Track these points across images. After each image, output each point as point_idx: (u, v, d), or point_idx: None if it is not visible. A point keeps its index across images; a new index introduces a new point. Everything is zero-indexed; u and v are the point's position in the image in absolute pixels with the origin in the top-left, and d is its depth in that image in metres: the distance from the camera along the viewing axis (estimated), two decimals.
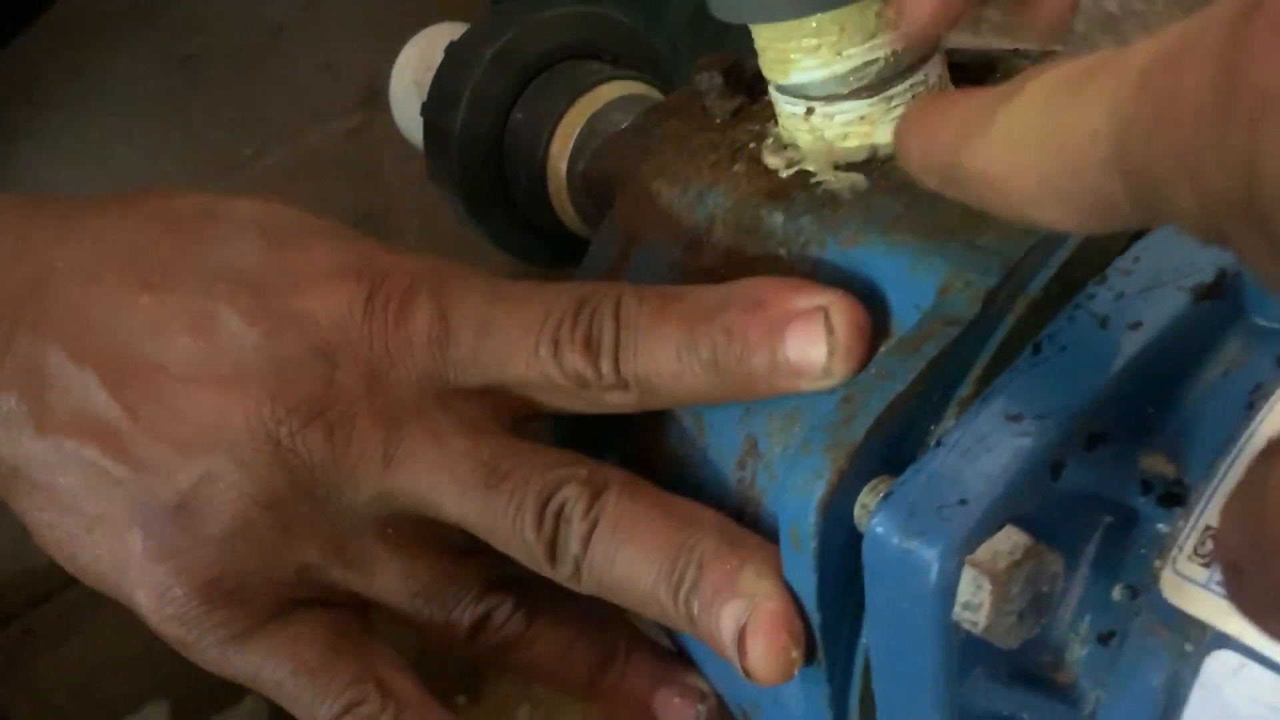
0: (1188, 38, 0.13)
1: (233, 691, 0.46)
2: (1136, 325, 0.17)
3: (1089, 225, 0.15)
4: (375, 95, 0.79)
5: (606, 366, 0.22)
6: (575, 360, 0.22)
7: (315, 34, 0.78)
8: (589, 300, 0.22)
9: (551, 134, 0.36)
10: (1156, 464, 0.17)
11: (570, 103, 0.36)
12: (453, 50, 0.39)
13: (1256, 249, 0.12)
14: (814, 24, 0.22)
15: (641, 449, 0.24)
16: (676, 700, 0.24)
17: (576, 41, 0.38)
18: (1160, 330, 0.17)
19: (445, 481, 0.22)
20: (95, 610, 0.43)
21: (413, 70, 0.44)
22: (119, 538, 0.22)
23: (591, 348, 0.22)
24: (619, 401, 0.22)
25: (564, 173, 0.36)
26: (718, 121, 0.29)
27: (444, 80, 0.39)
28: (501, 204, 0.39)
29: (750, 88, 0.29)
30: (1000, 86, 0.16)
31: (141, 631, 0.24)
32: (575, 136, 0.36)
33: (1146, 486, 0.18)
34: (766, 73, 0.24)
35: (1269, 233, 0.12)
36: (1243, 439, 0.17)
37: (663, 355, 0.22)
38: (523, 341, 0.22)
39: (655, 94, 0.37)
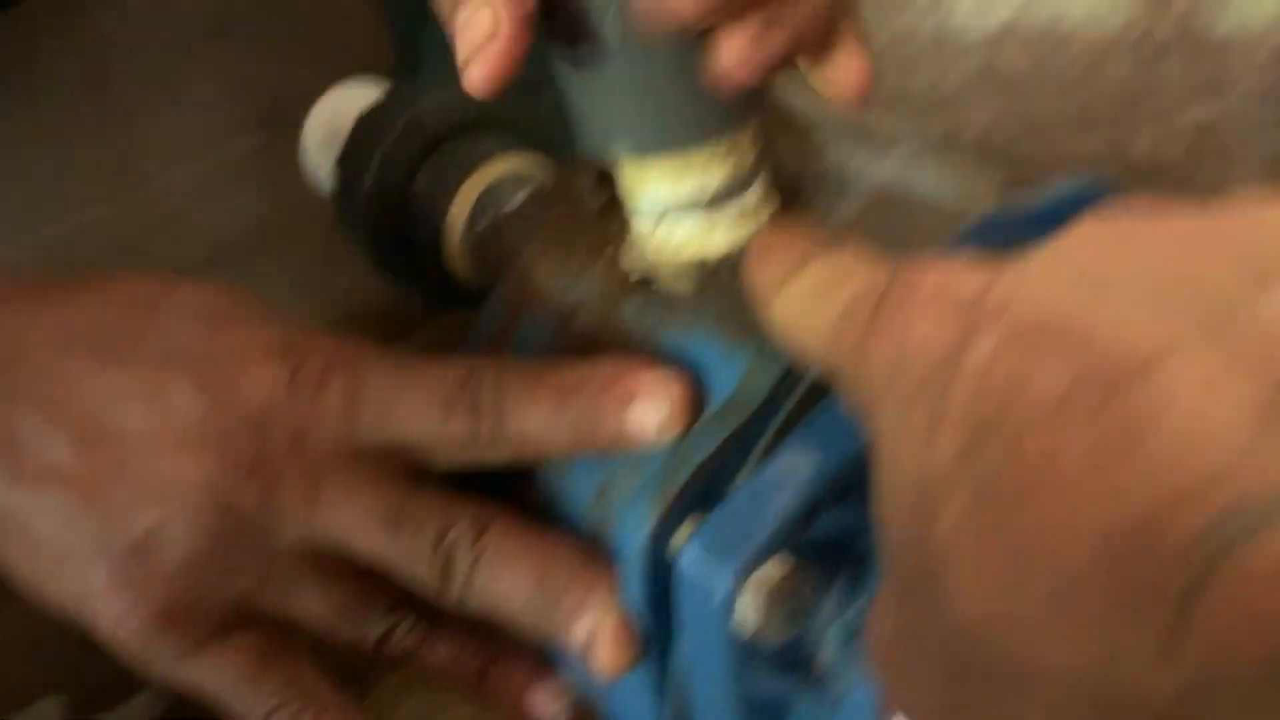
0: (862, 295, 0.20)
1: (126, 687, 0.49)
2: None
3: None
4: (280, 114, 0.83)
5: (487, 427, 0.27)
6: (462, 423, 0.27)
7: (222, 53, 0.81)
8: (474, 372, 0.27)
9: (450, 200, 0.41)
10: None
11: (468, 173, 0.41)
12: (365, 118, 0.44)
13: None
14: (659, 160, 0.28)
15: (518, 491, 0.30)
16: (545, 696, 0.30)
17: (476, 117, 0.43)
18: None
19: (357, 525, 0.27)
20: None
21: (324, 128, 0.49)
22: (83, 573, 0.27)
23: (475, 412, 0.27)
24: (498, 456, 0.27)
25: (459, 236, 0.41)
26: (590, 212, 0.35)
27: (356, 144, 0.44)
28: (403, 255, 0.44)
29: (616, 184, 0.35)
30: (797, 250, 0.23)
31: (35, 629, 0.28)
32: (471, 205, 0.41)
33: None
34: (625, 188, 0.30)
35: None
36: None
37: (535, 418, 0.27)
38: (419, 408, 0.27)
39: (543, 168, 0.42)
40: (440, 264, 0.42)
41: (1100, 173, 0.57)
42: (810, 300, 0.22)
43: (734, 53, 0.24)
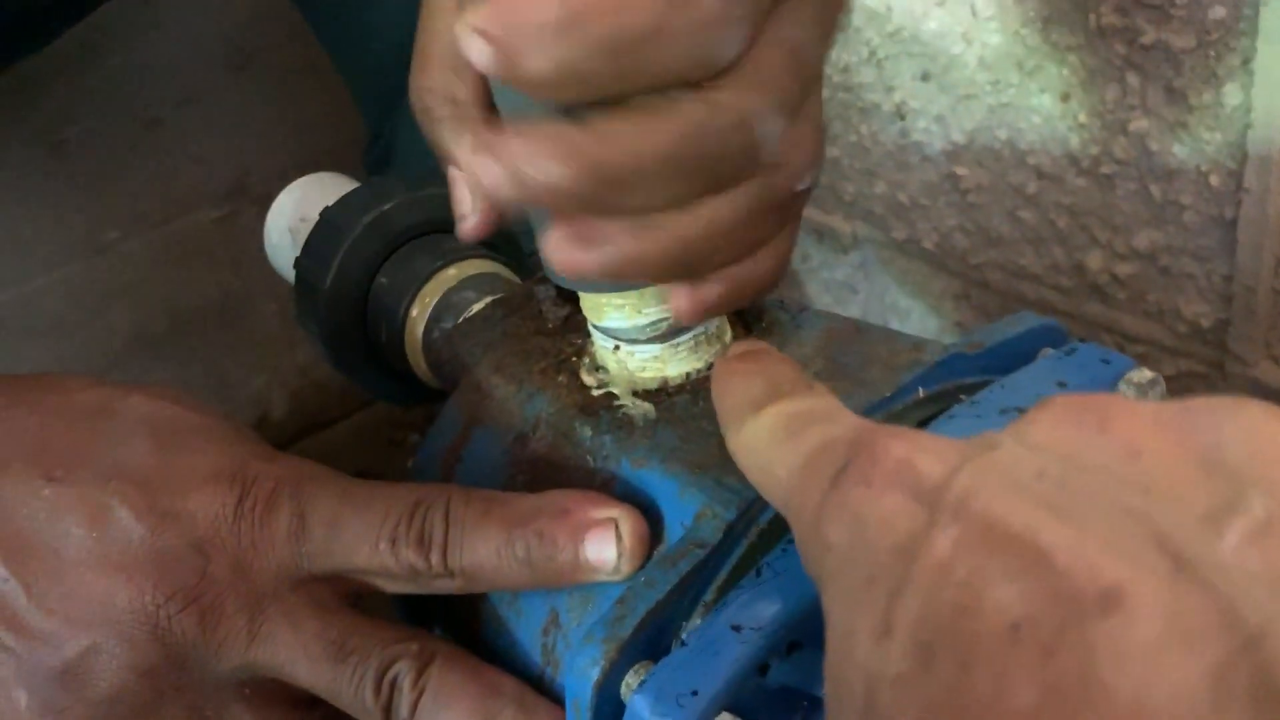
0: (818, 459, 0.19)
1: None
2: None
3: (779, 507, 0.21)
4: (243, 188, 0.83)
5: (436, 559, 0.26)
6: (409, 555, 0.26)
7: (189, 127, 0.81)
8: (423, 502, 0.27)
9: (411, 301, 0.41)
10: None
11: (429, 275, 0.41)
12: (328, 215, 0.44)
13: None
14: (618, 294, 0.28)
15: (467, 616, 0.29)
16: None
17: (440, 218, 0.43)
18: None
19: (300, 657, 0.26)
20: None
21: (287, 218, 0.48)
22: (6, 696, 0.26)
23: (424, 544, 0.26)
24: (447, 587, 0.27)
25: (420, 337, 0.41)
26: (550, 326, 0.35)
27: (318, 241, 0.43)
28: (362, 351, 0.44)
29: (577, 299, 0.35)
30: (766, 381, 0.23)
31: None
32: (432, 307, 0.41)
33: None
34: (586, 313, 0.30)
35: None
36: None
37: (485, 551, 0.26)
38: (366, 537, 0.27)
39: (504, 271, 0.43)
40: (402, 363, 0.42)
41: (1057, 285, 0.58)
42: (775, 439, 0.21)
43: (680, 304, 0.25)
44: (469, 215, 0.26)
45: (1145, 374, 0.29)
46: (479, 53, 0.20)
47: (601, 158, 0.21)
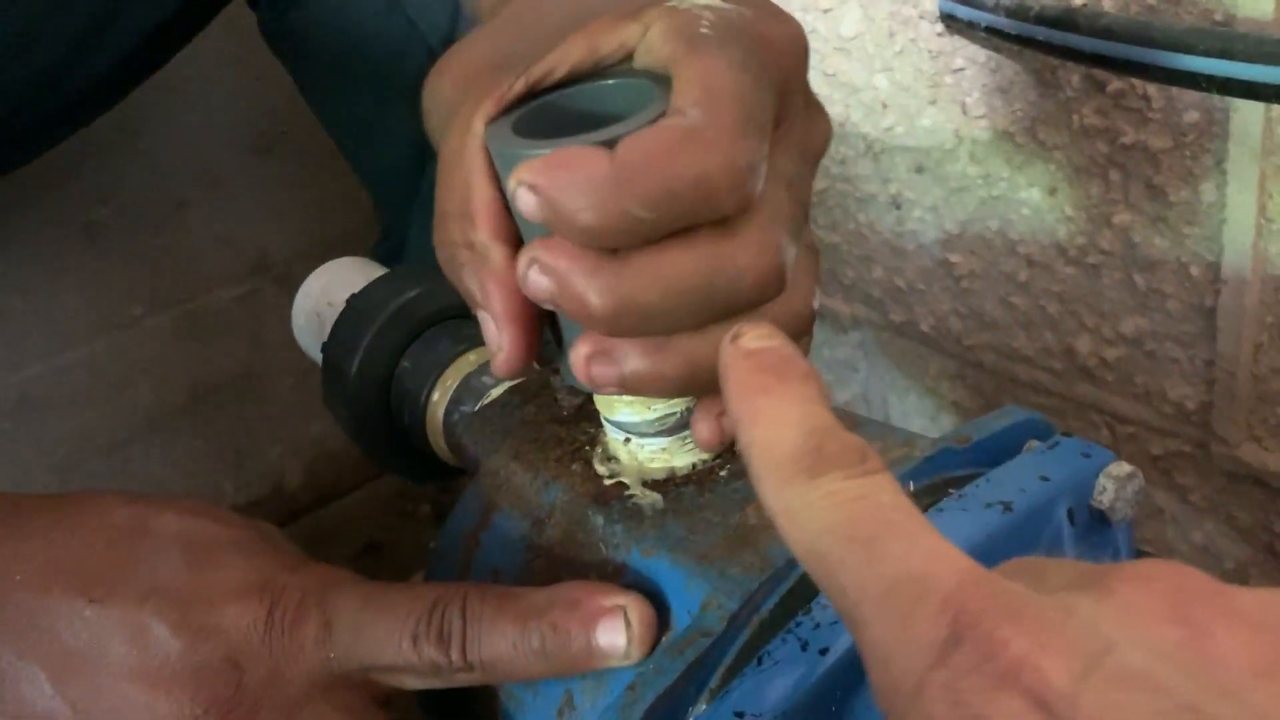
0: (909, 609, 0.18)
1: None
2: (825, 650, 0.26)
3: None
4: (265, 267, 0.86)
5: (456, 654, 0.28)
6: (430, 651, 0.28)
7: (214, 208, 0.84)
8: (441, 601, 0.29)
9: (433, 385, 0.43)
10: None
11: (450, 360, 0.44)
12: (354, 302, 0.46)
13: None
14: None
15: (486, 698, 0.31)
16: None
17: (460, 304, 0.45)
18: (841, 654, 0.26)
19: None
20: None
21: (313, 301, 0.51)
22: None
23: (444, 640, 0.28)
24: (467, 680, 0.29)
25: (440, 419, 0.43)
26: (565, 414, 0.37)
27: (345, 327, 0.46)
28: (385, 432, 0.46)
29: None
30: (799, 439, 0.20)
31: None
32: (452, 390, 0.43)
33: None
34: (598, 406, 0.32)
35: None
36: None
37: (502, 645, 0.28)
38: (389, 637, 0.28)
39: None
40: (423, 444, 0.44)
41: (1048, 367, 0.60)
42: (837, 536, 0.19)
43: (701, 434, 0.27)
44: (499, 350, 0.27)
45: (1124, 468, 0.31)
46: (528, 204, 0.22)
47: (633, 293, 0.23)
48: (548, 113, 0.27)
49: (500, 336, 0.27)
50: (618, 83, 0.27)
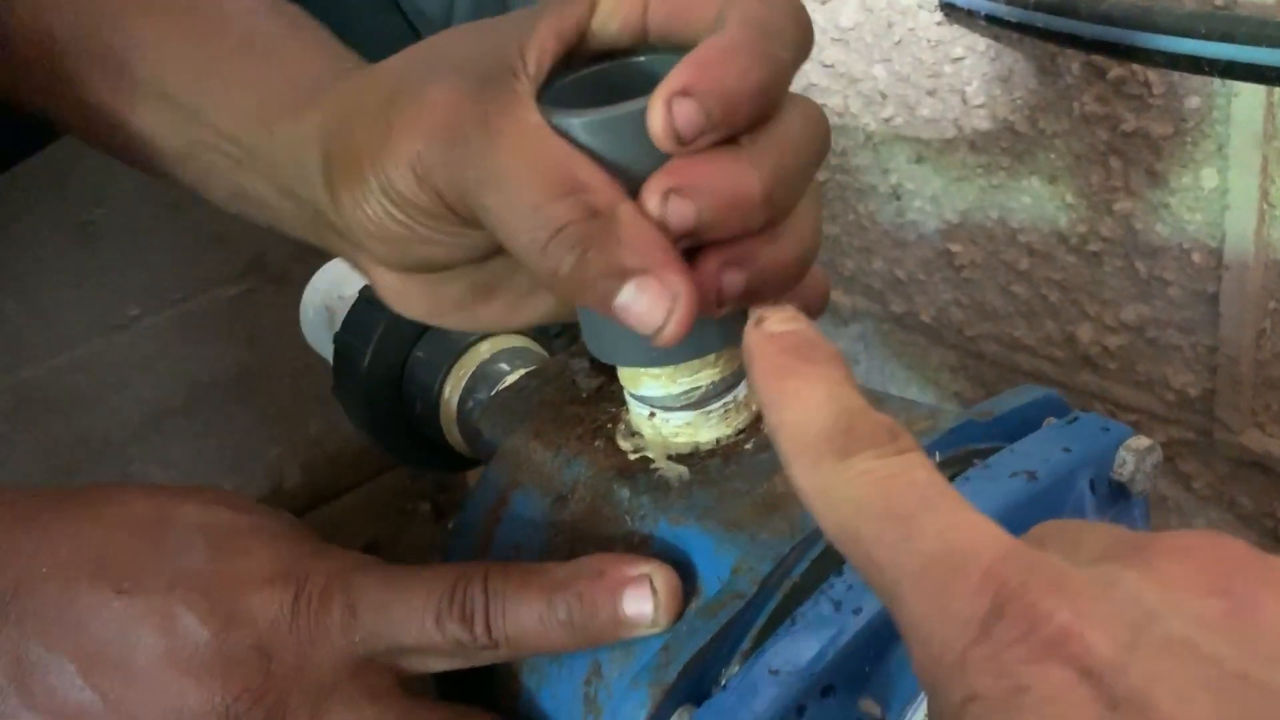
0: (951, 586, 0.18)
1: None
2: (859, 610, 0.26)
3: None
4: (261, 266, 0.86)
5: (480, 631, 0.28)
6: (454, 629, 0.28)
7: (209, 209, 0.83)
8: (463, 578, 0.29)
9: (446, 374, 0.44)
10: (869, 706, 0.26)
11: (464, 349, 0.44)
12: (366, 293, 0.46)
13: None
14: (653, 369, 0.30)
15: (505, 678, 0.31)
16: None
17: None
18: (874, 614, 0.26)
19: None
20: None
21: (323, 295, 0.51)
22: None
23: (467, 617, 0.28)
24: (492, 657, 0.29)
25: (455, 408, 0.43)
26: (584, 396, 0.37)
27: (357, 318, 0.46)
28: (398, 423, 0.46)
29: (611, 371, 0.37)
30: (829, 419, 0.20)
31: None
32: (466, 379, 0.43)
33: None
34: (622, 382, 0.33)
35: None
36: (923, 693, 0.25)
37: (528, 619, 0.28)
38: (412, 617, 0.28)
39: (533, 345, 0.45)
40: (436, 434, 0.44)
41: (1050, 356, 0.61)
42: (870, 513, 0.19)
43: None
44: (676, 300, 0.24)
45: (1143, 441, 0.32)
46: (688, 113, 0.23)
47: (781, 158, 0.24)
48: (608, 79, 0.27)
49: (673, 285, 0.24)
50: (650, 59, 0.28)
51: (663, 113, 0.23)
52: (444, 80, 0.26)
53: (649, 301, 0.24)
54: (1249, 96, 0.47)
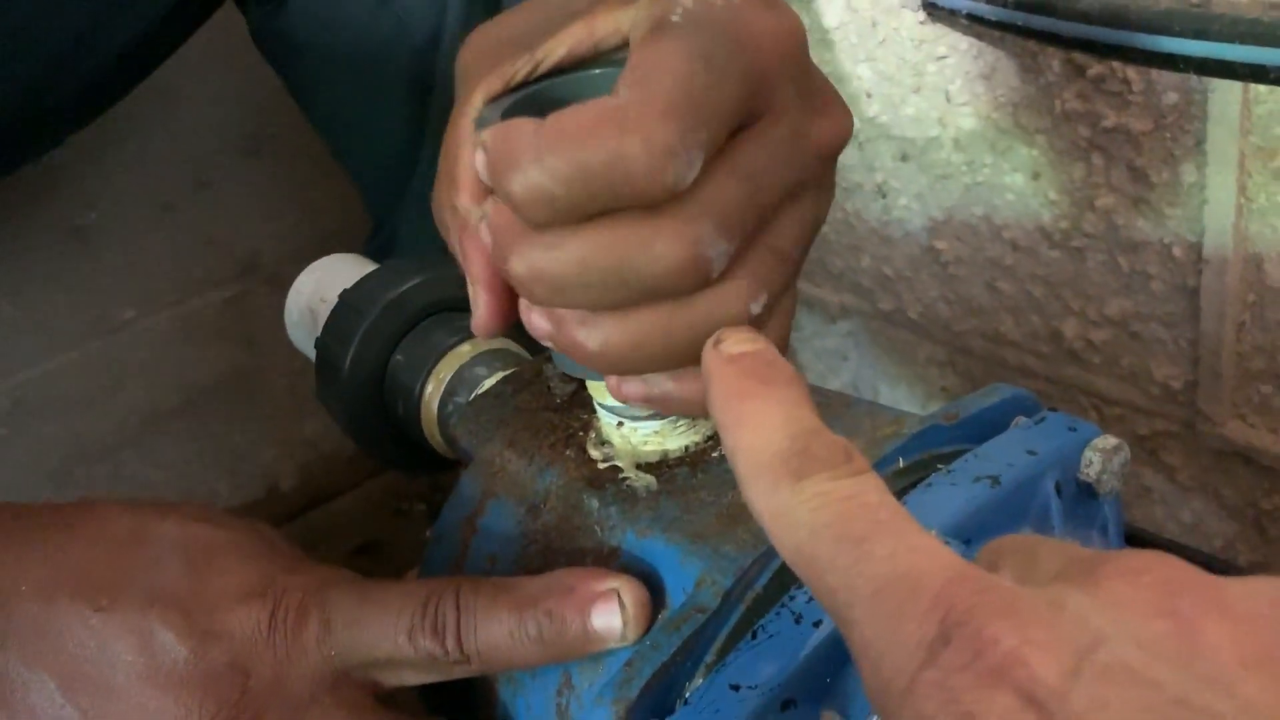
0: (900, 599, 0.18)
1: None
2: (818, 623, 0.26)
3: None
4: (255, 268, 0.86)
5: (451, 645, 0.28)
6: (426, 643, 0.28)
7: (202, 211, 0.84)
8: (434, 594, 0.29)
9: (426, 377, 0.44)
10: (830, 718, 0.26)
11: (443, 353, 0.44)
12: (346, 297, 0.46)
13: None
14: None
15: (483, 687, 0.31)
16: None
17: (452, 297, 0.46)
18: (834, 628, 0.26)
19: None
20: None
21: (306, 298, 0.51)
22: None
23: (439, 632, 0.28)
24: (465, 671, 0.29)
25: (435, 411, 0.44)
26: (558, 401, 0.37)
27: (337, 322, 0.46)
28: (379, 425, 0.46)
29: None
30: (785, 441, 0.21)
31: None
32: (446, 382, 0.43)
33: None
34: (590, 392, 0.33)
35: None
36: None
37: (498, 633, 0.28)
38: (386, 632, 0.29)
39: (513, 346, 0.45)
40: (418, 436, 0.44)
41: (1036, 351, 0.61)
42: (823, 536, 0.20)
43: (613, 387, 0.27)
44: (476, 309, 0.29)
45: (1110, 440, 0.32)
46: (480, 164, 0.23)
47: (544, 264, 0.23)
48: (541, 98, 0.27)
49: (477, 296, 0.28)
50: (604, 71, 0.28)
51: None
52: None
53: (470, 296, 0.28)
54: (1225, 92, 0.47)
